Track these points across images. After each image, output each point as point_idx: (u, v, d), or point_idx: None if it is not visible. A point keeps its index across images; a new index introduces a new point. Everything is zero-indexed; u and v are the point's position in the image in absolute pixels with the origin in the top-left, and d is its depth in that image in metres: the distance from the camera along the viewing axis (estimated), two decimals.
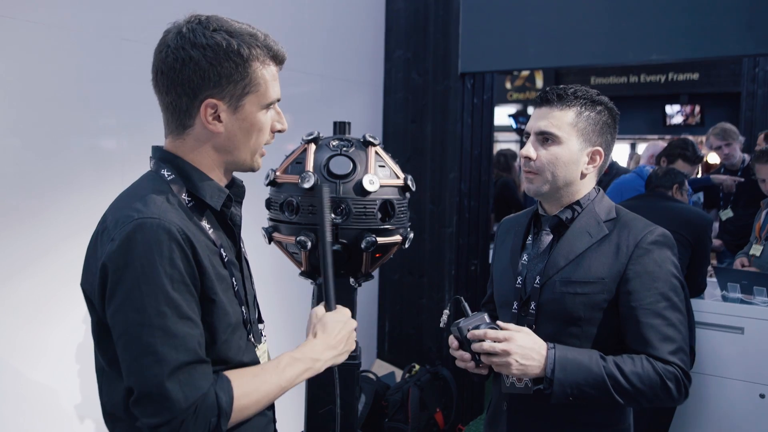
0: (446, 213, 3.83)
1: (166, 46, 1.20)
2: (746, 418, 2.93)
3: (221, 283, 1.21)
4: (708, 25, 3.02)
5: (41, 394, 2.27)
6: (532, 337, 1.50)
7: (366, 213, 1.80)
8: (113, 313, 1.12)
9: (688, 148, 3.93)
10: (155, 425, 1.09)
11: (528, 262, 1.65)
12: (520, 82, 11.64)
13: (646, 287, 1.50)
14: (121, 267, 1.10)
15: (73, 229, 2.32)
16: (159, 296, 1.10)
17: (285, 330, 3.04)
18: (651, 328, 1.49)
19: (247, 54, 1.19)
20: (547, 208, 1.65)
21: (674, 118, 10.49)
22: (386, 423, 3.46)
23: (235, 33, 1.19)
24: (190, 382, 1.10)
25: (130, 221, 1.12)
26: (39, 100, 2.24)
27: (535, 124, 1.60)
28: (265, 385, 1.21)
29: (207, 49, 1.17)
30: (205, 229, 1.23)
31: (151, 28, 2.51)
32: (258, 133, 1.26)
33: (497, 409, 1.70)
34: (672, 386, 1.47)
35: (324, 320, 1.37)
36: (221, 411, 1.13)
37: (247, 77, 1.20)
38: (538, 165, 1.58)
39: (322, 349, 1.32)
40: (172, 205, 1.18)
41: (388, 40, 3.99)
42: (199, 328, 1.15)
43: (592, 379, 1.45)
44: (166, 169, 1.24)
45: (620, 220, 1.59)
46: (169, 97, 1.21)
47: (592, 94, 1.60)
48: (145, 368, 1.09)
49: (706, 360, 3.00)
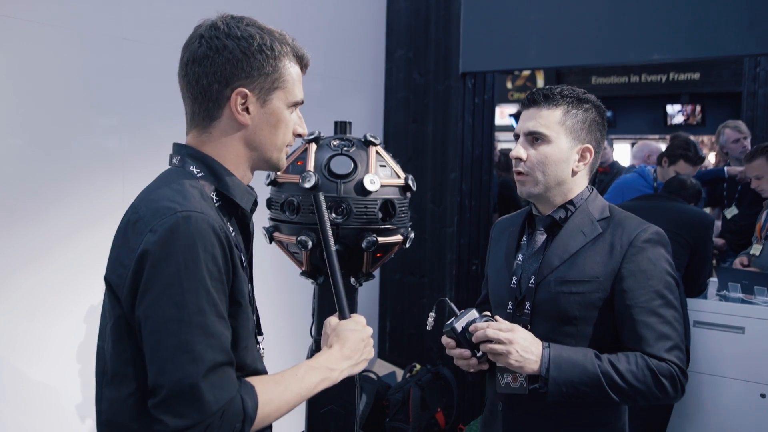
0: (447, 213, 3.83)
1: (199, 37, 1.21)
2: (747, 417, 2.93)
3: (245, 287, 1.20)
4: (709, 24, 3.02)
5: (41, 393, 2.27)
6: (529, 335, 1.52)
7: (367, 213, 1.80)
8: (148, 307, 1.08)
9: (690, 148, 3.92)
10: (181, 428, 1.05)
11: (522, 262, 1.65)
12: (521, 81, 11.63)
13: (641, 285, 1.51)
14: (162, 259, 1.07)
15: (74, 227, 2.33)
16: (200, 292, 1.07)
17: (285, 330, 3.04)
18: (646, 326, 1.49)
19: (279, 50, 1.22)
20: (540, 209, 1.66)
21: (675, 118, 10.48)
22: (387, 423, 3.46)
23: (266, 30, 1.23)
24: (221, 385, 1.08)
25: (172, 213, 1.09)
26: (40, 99, 2.24)
27: (523, 125, 1.61)
28: (287, 393, 1.19)
29: (241, 40, 1.19)
30: (230, 231, 1.21)
31: (152, 28, 2.52)
32: (285, 130, 1.27)
33: (492, 409, 1.70)
34: (667, 383, 1.47)
35: (338, 330, 1.36)
36: (246, 417, 1.11)
37: (277, 72, 1.22)
38: (528, 165, 1.59)
39: (339, 360, 1.30)
40: (207, 203, 1.16)
41: (389, 39, 3.99)
42: (230, 329, 1.13)
43: (587, 377, 1.45)
44: (194, 165, 1.22)
45: (614, 219, 1.59)
46: (199, 85, 1.21)
47: (579, 92, 1.61)
48: (180, 366, 1.05)
49: (706, 360, 3.00)
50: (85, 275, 2.34)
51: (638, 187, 3.94)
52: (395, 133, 3.97)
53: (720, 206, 4.46)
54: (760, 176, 3.47)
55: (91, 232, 2.33)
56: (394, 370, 3.93)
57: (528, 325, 1.58)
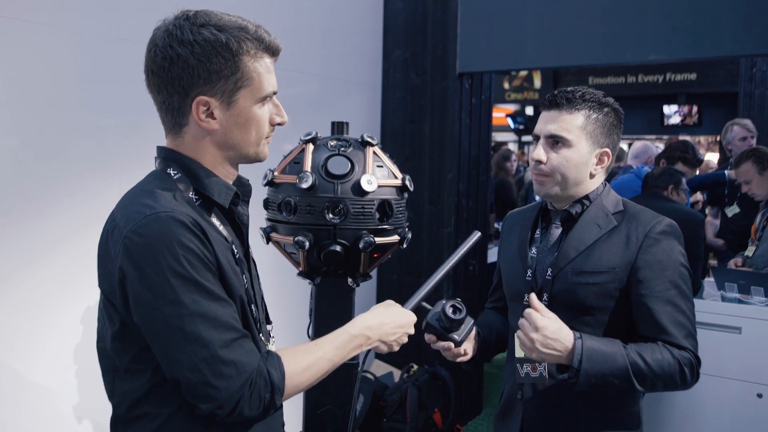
0: (444, 213, 3.83)
1: (154, 45, 1.18)
2: (744, 417, 2.93)
3: (237, 278, 1.21)
4: (706, 25, 3.02)
5: (39, 394, 2.27)
6: (558, 325, 1.52)
7: (364, 213, 1.80)
8: (144, 312, 1.11)
9: (688, 150, 3.93)
10: (214, 409, 1.11)
11: (537, 255, 1.68)
12: (519, 82, 11.64)
13: (657, 276, 1.55)
14: (143, 265, 1.09)
15: (72, 230, 2.32)
16: (189, 284, 1.10)
17: (284, 330, 3.04)
18: (664, 315, 1.54)
19: (236, 48, 1.16)
20: (556, 205, 1.70)
21: (672, 118, 10.52)
22: (384, 423, 3.46)
23: (223, 27, 1.17)
24: (239, 358, 1.12)
25: (141, 217, 1.11)
26: (37, 100, 2.24)
27: (544, 128, 1.63)
28: (321, 361, 1.26)
29: (194, 46, 1.15)
30: (216, 226, 1.22)
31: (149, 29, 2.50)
32: (257, 126, 1.23)
33: (511, 399, 1.74)
34: (687, 371, 1.54)
35: (391, 308, 1.45)
36: (274, 387, 1.16)
37: (238, 72, 1.18)
38: (548, 168, 1.62)
39: (378, 324, 1.38)
40: (179, 202, 1.17)
41: (386, 40, 3.99)
42: (232, 305, 1.17)
43: (617, 369, 1.49)
44: (171, 168, 1.23)
45: (628, 212, 1.64)
46: (161, 96, 1.20)
47: (599, 96, 1.64)
48: (193, 354, 1.09)
49: (703, 360, 2.96)
50: (83, 276, 2.34)
51: (634, 188, 3.95)
52: (392, 133, 3.98)
53: (720, 205, 4.46)
54: (749, 180, 3.49)
55: (88, 233, 2.31)
56: (391, 371, 3.93)
57: None
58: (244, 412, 1.13)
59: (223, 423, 1.16)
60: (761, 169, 3.43)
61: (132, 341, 1.17)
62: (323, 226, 1.79)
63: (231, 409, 1.12)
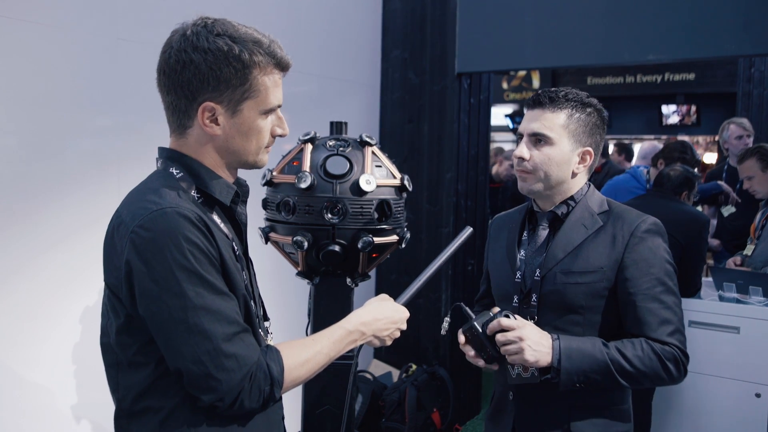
0: (443, 213, 3.83)
1: (169, 47, 1.22)
2: (742, 417, 2.94)
3: (238, 276, 1.25)
4: (704, 25, 3.03)
5: (38, 394, 2.27)
6: (536, 329, 1.57)
7: (363, 213, 1.80)
8: (150, 304, 1.14)
9: (686, 151, 3.93)
10: (215, 400, 1.15)
11: (526, 257, 1.71)
12: (517, 82, 11.65)
13: (643, 273, 1.58)
14: (149, 258, 1.12)
15: (70, 229, 2.32)
16: (193, 278, 1.13)
17: (283, 330, 3.04)
18: (649, 312, 1.57)
19: (247, 60, 1.21)
20: (541, 206, 1.72)
21: (670, 118, 10.52)
22: (383, 423, 3.46)
23: (238, 39, 1.21)
24: (240, 352, 1.16)
25: (147, 213, 1.15)
26: (35, 99, 2.23)
27: (528, 126, 1.66)
28: (319, 355, 1.30)
29: (208, 53, 1.19)
30: (217, 223, 1.26)
31: (147, 29, 2.51)
32: (258, 137, 1.28)
33: (502, 400, 1.75)
34: (671, 366, 1.55)
35: (383, 302, 1.50)
36: (273, 380, 1.20)
37: (247, 83, 1.22)
38: (531, 165, 1.65)
39: (372, 320, 1.42)
40: (183, 199, 1.20)
41: (384, 40, 3.99)
42: (234, 300, 1.20)
43: (597, 365, 1.52)
44: (174, 167, 1.26)
45: (613, 212, 1.67)
46: (169, 97, 1.24)
47: (582, 96, 1.67)
48: (196, 346, 1.13)
49: (702, 359, 3.00)
50: (82, 277, 2.34)
51: (630, 188, 3.95)
52: (391, 133, 3.98)
53: (716, 205, 4.47)
54: (751, 177, 3.49)
55: (87, 233, 2.32)
56: (390, 371, 3.93)
57: (535, 317, 1.65)
58: (244, 405, 1.17)
59: (225, 415, 1.20)
60: (764, 166, 3.43)
61: (136, 334, 1.19)
62: (322, 225, 1.79)
63: (232, 402, 1.15)
